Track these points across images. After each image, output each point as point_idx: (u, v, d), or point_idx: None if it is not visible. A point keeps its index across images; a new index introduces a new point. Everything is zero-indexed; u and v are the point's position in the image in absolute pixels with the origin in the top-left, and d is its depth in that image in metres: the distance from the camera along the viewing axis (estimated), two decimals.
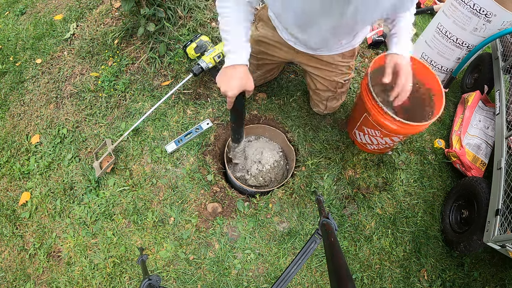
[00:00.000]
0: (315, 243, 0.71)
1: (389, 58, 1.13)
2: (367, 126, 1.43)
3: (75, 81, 1.86)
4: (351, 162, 1.60)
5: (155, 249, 1.40)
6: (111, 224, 1.47)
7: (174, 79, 1.77)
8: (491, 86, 1.80)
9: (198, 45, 1.60)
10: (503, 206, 1.28)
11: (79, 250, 1.44)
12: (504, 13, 1.43)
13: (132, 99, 1.75)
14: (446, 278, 1.47)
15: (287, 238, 1.42)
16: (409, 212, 1.55)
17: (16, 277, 1.46)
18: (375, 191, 1.56)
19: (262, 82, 1.71)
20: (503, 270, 1.51)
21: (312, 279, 1.37)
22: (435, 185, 1.64)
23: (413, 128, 1.28)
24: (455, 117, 1.81)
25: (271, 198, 1.49)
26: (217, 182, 1.53)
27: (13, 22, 2.32)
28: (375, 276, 1.41)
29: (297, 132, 1.66)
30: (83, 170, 1.59)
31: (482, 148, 1.65)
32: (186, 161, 1.57)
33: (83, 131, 1.71)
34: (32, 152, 1.69)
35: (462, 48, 1.66)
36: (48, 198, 1.57)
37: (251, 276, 1.36)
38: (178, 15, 1.86)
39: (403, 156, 1.66)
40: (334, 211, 1.49)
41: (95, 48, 1.92)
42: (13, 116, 1.85)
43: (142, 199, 1.50)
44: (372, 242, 1.46)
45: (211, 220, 1.45)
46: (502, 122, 1.53)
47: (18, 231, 1.54)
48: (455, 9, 1.58)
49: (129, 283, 1.36)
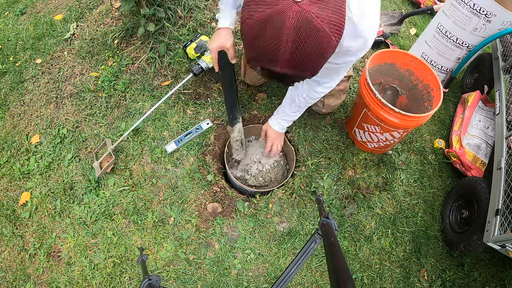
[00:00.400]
0: (315, 243, 0.71)
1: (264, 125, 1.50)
2: (367, 122, 1.43)
3: (75, 81, 1.86)
4: (351, 162, 1.60)
5: (155, 249, 1.40)
6: (111, 224, 1.47)
7: (174, 79, 1.77)
8: (491, 86, 1.80)
9: (198, 45, 1.60)
10: (503, 206, 1.28)
11: (79, 250, 1.44)
12: (504, 13, 1.43)
13: (132, 99, 1.75)
14: (446, 278, 1.47)
15: (287, 238, 1.42)
16: (409, 212, 1.55)
17: (16, 277, 1.46)
18: (375, 191, 1.56)
19: (262, 82, 1.71)
20: (503, 270, 1.51)
21: (312, 279, 1.37)
22: (435, 185, 1.64)
23: (413, 120, 1.28)
24: (455, 117, 1.81)
25: (271, 198, 1.49)
26: (217, 182, 1.53)
27: (13, 22, 2.32)
28: (375, 276, 1.41)
29: (297, 132, 1.66)
30: (83, 170, 1.59)
31: (482, 148, 1.65)
32: (186, 161, 1.57)
33: (83, 131, 1.71)
34: (32, 152, 1.69)
35: (462, 48, 1.66)
36: (48, 198, 1.57)
37: (251, 276, 1.36)
38: (178, 15, 1.86)
39: (403, 156, 1.66)
40: (334, 211, 1.49)
41: (95, 48, 1.92)
42: (13, 116, 1.85)
43: (142, 199, 1.50)
44: (372, 242, 1.46)
45: (211, 220, 1.45)
46: (502, 122, 1.53)
47: (18, 231, 1.54)
48: (455, 9, 1.58)
49: (129, 283, 1.36)
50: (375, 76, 1.61)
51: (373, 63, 1.49)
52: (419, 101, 1.53)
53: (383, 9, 2.33)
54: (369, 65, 1.39)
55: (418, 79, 1.50)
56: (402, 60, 1.51)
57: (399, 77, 1.59)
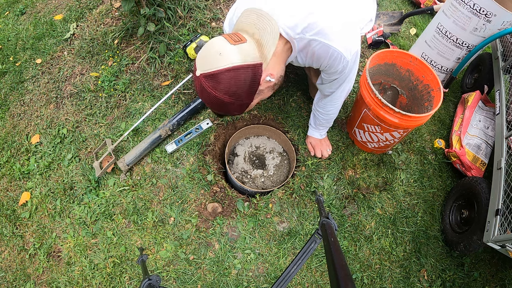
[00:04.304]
0: (315, 243, 0.71)
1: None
2: (367, 122, 1.43)
3: (75, 81, 1.86)
4: (351, 162, 1.60)
5: (155, 249, 1.40)
6: (111, 224, 1.47)
7: (174, 79, 1.77)
8: (491, 86, 1.80)
9: (198, 45, 1.60)
10: (503, 206, 1.28)
11: (79, 250, 1.44)
12: (504, 13, 1.43)
13: (132, 99, 1.75)
14: (446, 278, 1.47)
15: (287, 238, 1.42)
16: (409, 212, 1.55)
17: (16, 277, 1.46)
18: (375, 191, 1.56)
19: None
20: (503, 270, 1.51)
21: (312, 279, 1.37)
22: (435, 185, 1.64)
23: (413, 120, 1.28)
24: (455, 117, 1.81)
25: (271, 198, 1.49)
26: (217, 182, 1.53)
27: (13, 22, 2.32)
28: (375, 276, 1.41)
29: (297, 132, 1.66)
30: (83, 170, 1.59)
31: (482, 148, 1.65)
32: (186, 161, 1.57)
33: (83, 131, 1.71)
34: (32, 152, 1.69)
35: (462, 48, 1.66)
36: (48, 198, 1.57)
37: (251, 276, 1.36)
38: (178, 15, 1.86)
39: (403, 156, 1.66)
40: (334, 211, 1.49)
41: (95, 48, 1.92)
42: (13, 116, 1.85)
43: (142, 199, 1.50)
44: (372, 242, 1.46)
45: (211, 220, 1.45)
46: (502, 122, 1.53)
47: (18, 231, 1.54)
48: (455, 9, 1.58)
49: (129, 283, 1.36)
50: (375, 76, 1.61)
51: (373, 63, 1.49)
52: (419, 101, 1.53)
53: (383, 9, 2.33)
54: (369, 65, 1.39)
55: (418, 79, 1.50)
56: (402, 60, 1.51)
57: (399, 77, 1.59)
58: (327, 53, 0.99)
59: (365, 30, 1.26)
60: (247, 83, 0.90)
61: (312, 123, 1.54)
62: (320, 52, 1.00)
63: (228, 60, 0.86)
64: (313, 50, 1.00)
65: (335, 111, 1.40)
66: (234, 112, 1.00)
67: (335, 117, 1.45)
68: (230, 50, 0.87)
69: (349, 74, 1.15)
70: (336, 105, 1.36)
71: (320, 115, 1.43)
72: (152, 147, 1.56)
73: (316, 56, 1.02)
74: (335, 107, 1.36)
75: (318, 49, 0.99)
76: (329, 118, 1.44)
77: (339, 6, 1.03)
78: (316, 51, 1.00)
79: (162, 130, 1.55)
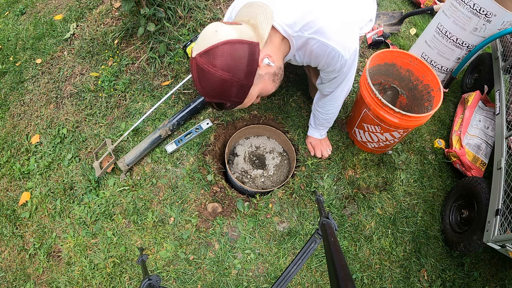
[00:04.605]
0: (315, 243, 0.71)
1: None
2: (367, 122, 1.43)
3: (75, 81, 1.86)
4: (351, 162, 1.60)
5: (155, 249, 1.40)
6: (111, 224, 1.47)
7: (174, 79, 1.77)
8: (491, 86, 1.80)
9: None
10: (503, 206, 1.28)
11: (79, 250, 1.44)
12: (504, 13, 1.43)
13: (132, 99, 1.75)
14: (446, 278, 1.47)
15: (287, 238, 1.42)
16: (409, 212, 1.55)
17: (16, 277, 1.46)
18: (375, 191, 1.56)
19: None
20: (503, 270, 1.51)
21: (312, 279, 1.37)
22: (435, 185, 1.64)
23: (413, 120, 1.28)
24: (455, 117, 1.81)
25: (271, 198, 1.49)
26: (217, 182, 1.53)
27: (13, 22, 2.32)
28: (375, 276, 1.41)
29: (297, 132, 1.66)
30: (83, 170, 1.59)
31: (482, 148, 1.65)
32: (186, 161, 1.57)
33: (83, 131, 1.71)
34: (32, 152, 1.69)
35: (462, 48, 1.66)
36: (48, 198, 1.57)
37: (251, 276, 1.36)
38: (178, 15, 1.86)
39: (403, 156, 1.66)
40: (334, 211, 1.49)
41: (95, 48, 1.92)
42: (13, 116, 1.85)
43: (142, 199, 1.50)
44: (372, 242, 1.46)
45: (211, 220, 1.45)
46: (502, 122, 1.53)
47: (18, 231, 1.54)
48: (455, 9, 1.58)
49: (129, 283, 1.36)
50: (375, 76, 1.62)
51: (373, 63, 1.49)
52: (419, 101, 1.53)
53: (383, 9, 2.33)
54: (369, 65, 1.39)
55: (418, 79, 1.50)
56: (402, 60, 1.51)
57: (399, 77, 1.59)
58: (325, 51, 0.99)
59: (365, 30, 1.26)
60: (245, 59, 0.87)
61: (312, 123, 1.54)
62: (318, 50, 1.00)
63: (224, 35, 0.85)
64: (311, 48, 1.00)
65: (335, 111, 1.40)
66: (233, 98, 0.94)
67: (335, 117, 1.45)
68: (226, 28, 0.87)
69: (348, 73, 1.15)
70: (336, 105, 1.36)
71: (320, 115, 1.43)
72: (152, 147, 1.56)
73: (314, 54, 1.02)
74: (335, 106, 1.36)
75: (316, 47, 0.99)
76: (329, 118, 1.44)
77: (339, 5, 1.03)
78: (314, 49, 1.00)
79: (162, 130, 1.55)
